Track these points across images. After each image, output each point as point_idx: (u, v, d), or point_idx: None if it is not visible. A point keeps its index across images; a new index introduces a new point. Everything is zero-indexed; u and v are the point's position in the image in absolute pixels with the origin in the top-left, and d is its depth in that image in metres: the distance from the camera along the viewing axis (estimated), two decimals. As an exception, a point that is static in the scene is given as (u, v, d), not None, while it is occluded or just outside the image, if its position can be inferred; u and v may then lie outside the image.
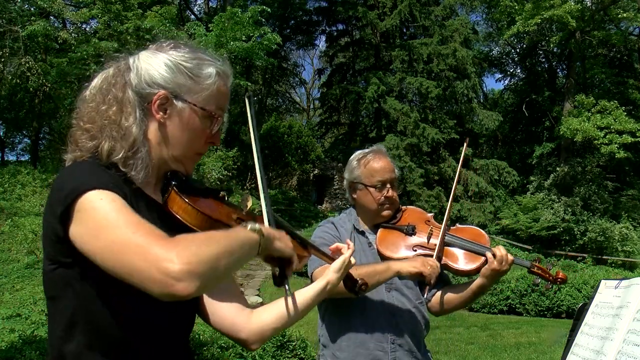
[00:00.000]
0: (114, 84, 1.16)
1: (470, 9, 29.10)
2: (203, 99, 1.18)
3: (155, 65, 1.16)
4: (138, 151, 1.13)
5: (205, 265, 0.93)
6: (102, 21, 16.57)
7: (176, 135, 1.17)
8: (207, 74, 1.19)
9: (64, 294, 1.07)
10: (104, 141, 1.12)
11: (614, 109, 20.87)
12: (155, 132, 1.17)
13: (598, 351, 1.37)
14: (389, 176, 2.16)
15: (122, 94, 1.14)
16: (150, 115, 1.16)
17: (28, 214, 13.64)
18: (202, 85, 1.18)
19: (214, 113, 1.20)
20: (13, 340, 4.57)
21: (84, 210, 0.99)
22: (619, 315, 1.38)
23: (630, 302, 1.37)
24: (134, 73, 1.16)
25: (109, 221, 0.97)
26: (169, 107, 1.16)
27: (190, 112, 1.17)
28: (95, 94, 1.17)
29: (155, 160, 1.18)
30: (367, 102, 24.09)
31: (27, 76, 15.91)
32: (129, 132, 1.12)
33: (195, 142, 1.20)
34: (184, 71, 1.17)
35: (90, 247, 0.98)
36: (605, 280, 1.58)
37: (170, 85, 1.16)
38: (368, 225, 2.22)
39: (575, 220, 21.28)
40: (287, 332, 5.07)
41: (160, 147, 1.18)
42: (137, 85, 1.15)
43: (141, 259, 0.92)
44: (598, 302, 1.52)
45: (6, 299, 8.11)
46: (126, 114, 1.13)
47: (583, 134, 20.56)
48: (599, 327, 1.43)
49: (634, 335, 1.29)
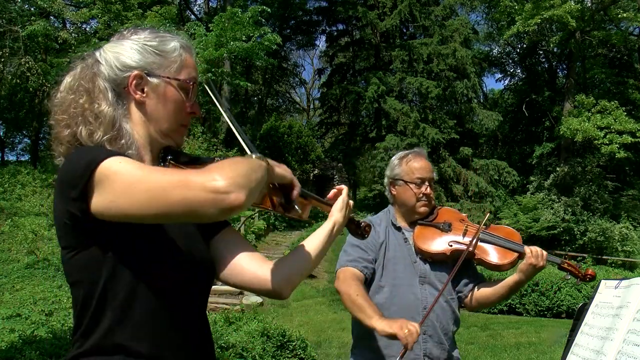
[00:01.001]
0: (82, 77, 1.21)
1: (470, 9, 29.12)
2: (174, 71, 1.24)
3: (123, 51, 1.22)
4: (121, 130, 1.18)
5: (244, 178, 1.00)
6: (102, 21, 16.57)
7: (158, 110, 1.23)
8: (172, 48, 1.25)
9: (87, 276, 1.11)
10: (81, 126, 1.16)
11: (614, 109, 20.87)
12: (137, 112, 1.22)
13: (598, 351, 1.37)
14: (427, 175, 2.30)
15: (91, 84, 1.19)
16: (129, 97, 1.21)
17: (28, 214, 13.63)
18: (170, 59, 1.24)
19: (187, 81, 1.25)
20: (13, 340, 4.56)
21: (105, 177, 1.02)
22: (619, 315, 1.38)
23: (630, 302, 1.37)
24: (104, 64, 1.21)
25: (136, 175, 1.00)
26: (145, 85, 1.21)
27: (165, 86, 1.23)
28: (66, 93, 1.21)
29: (144, 139, 1.23)
30: (367, 102, 24.10)
31: (27, 76, 15.91)
32: (103, 114, 1.17)
33: (177, 114, 1.25)
34: (150, 50, 1.22)
35: (124, 207, 1.00)
36: (605, 280, 1.58)
37: (141, 64, 1.21)
38: (406, 221, 2.34)
39: (575, 220, 21.28)
40: (287, 332, 5.07)
41: (145, 125, 1.22)
42: (110, 74, 1.20)
43: (187, 190, 0.96)
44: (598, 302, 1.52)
45: (6, 299, 8.10)
46: (98, 100, 1.18)
47: (583, 134, 20.56)
48: (599, 327, 1.43)
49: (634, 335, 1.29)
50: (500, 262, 2.20)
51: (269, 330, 4.92)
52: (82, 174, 1.03)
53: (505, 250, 2.21)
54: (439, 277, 2.21)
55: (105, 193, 1.02)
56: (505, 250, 2.22)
